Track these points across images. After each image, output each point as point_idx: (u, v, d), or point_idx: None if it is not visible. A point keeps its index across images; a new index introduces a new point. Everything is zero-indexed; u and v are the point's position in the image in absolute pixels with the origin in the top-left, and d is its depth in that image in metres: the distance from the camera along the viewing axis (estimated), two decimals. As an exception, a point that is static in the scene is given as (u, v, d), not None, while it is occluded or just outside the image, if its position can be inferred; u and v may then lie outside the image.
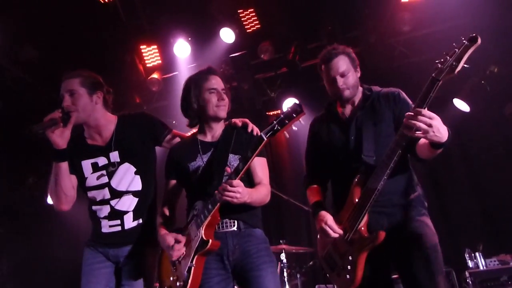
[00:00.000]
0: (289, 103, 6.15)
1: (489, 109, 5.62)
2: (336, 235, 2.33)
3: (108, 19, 5.74)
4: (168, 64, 6.22)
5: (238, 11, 5.78)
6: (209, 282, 2.29)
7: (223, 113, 2.50)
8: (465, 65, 1.97)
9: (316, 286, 4.81)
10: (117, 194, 2.53)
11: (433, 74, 2.01)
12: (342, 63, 2.48)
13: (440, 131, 1.98)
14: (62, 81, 2.54)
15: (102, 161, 2.57)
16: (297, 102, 2.10)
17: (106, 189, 2.54)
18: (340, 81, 2.48)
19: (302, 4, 5.75)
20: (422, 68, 5.87)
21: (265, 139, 2.11)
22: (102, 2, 5.55)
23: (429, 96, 1.98)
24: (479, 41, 1.92)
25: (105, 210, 2.53)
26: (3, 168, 6.62)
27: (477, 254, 4.58)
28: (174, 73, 6.29)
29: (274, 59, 6.06)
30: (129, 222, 2.52)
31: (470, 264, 4.62)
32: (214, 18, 5.76)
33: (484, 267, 4.50)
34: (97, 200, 2.56)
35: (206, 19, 5.84)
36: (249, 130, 2.49)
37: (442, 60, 2.00)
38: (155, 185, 2.71)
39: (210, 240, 2.21)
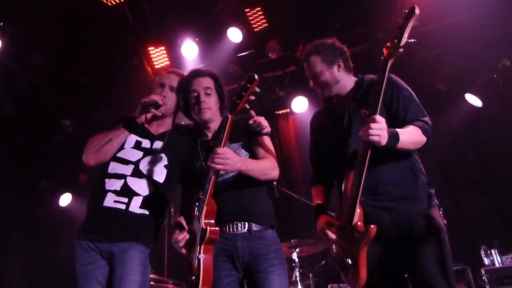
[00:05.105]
0: (298, 101, 6.12)
1: (502, 103, 5.52)
2: (331, 239, 2.29)
3: (116, 22, 5.78)
4: (176, 65, 6.18)
5: (245, 10, 5.76)
6: (220, 283, 2.30)
7: (205, 115, 2.53)
8: (410, 40, 2.00)
9: (329, 286, 4.76)
10: (139, 174, 2.55)
11: (381, 57, 2.06)
12: (311, 65, 2.51)
13: (385, 134, 2.03)
14: (163, 75, 2.88)
15: (146, 143, 2.68)
16: (253, 74, 2.16)
17: (131, 166, 2.56)
18: (311, 83, 2.52)
19: (309, 1, 5.71)
20: (430, 63, 5.80)
21: (229, 116, 2.21)
22: (110, 5, 5.58)
23: (381, 85, 2.03)
24: (417, 11, 1.96)
25: (117, 185, 2.51)
26: (16, 172, 6.70)
27: (492, 251, 4.49)
28: (182, 74, 6.29)
29: (282, 58, 6.03)
30: (135, 206, 2.48)
31: (486, 261, 4.52)
32: (221, 18, 5.75)
33: (500, 264, 4.41)
34: (115, 172, 2.55)
35: (213, 19, 5.83)
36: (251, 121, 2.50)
37: (390, 40, 2.04)
38: (173, 192, 2.74)
39: (208, 228, 2.22)
